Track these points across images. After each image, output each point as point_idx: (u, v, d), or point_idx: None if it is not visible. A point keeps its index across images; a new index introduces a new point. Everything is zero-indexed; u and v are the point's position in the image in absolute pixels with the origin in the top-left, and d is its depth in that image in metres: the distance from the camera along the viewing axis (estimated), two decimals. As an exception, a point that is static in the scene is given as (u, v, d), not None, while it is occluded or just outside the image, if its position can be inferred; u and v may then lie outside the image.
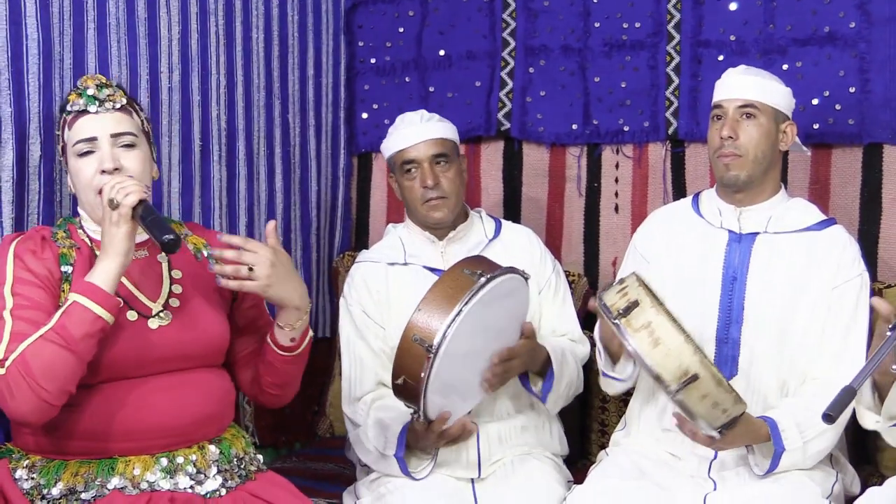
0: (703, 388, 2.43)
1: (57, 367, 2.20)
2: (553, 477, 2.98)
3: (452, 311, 2.57)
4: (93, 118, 2.46)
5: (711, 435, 2.55)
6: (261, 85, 3.63)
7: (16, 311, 2.28)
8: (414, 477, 2.89)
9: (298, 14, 3.83)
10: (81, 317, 2.22)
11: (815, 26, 3.49)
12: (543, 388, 2.99)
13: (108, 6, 2.92)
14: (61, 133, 2.51)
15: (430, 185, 3.09)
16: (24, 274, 2.34)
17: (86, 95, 2.47)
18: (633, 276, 2.58)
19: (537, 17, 3.87)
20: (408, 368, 2.61)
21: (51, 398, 2.21)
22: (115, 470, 2.35)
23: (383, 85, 4.11)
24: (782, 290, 2.84)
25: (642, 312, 2.46)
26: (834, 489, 2.75)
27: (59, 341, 2.19)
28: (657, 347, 2.43)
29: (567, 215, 3.91)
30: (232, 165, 3.48)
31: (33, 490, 2.33)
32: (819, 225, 2.91)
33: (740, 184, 2.88)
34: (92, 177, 2.42)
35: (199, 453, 2.45)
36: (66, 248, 2.44)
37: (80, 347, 2.21)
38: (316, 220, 3.98)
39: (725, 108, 2.88)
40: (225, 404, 2.58)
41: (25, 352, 2.19)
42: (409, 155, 3.13)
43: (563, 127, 3.85)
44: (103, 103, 2.48)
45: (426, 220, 3.15)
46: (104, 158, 2.43)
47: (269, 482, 2.54)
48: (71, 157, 2.47)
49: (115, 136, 2.46)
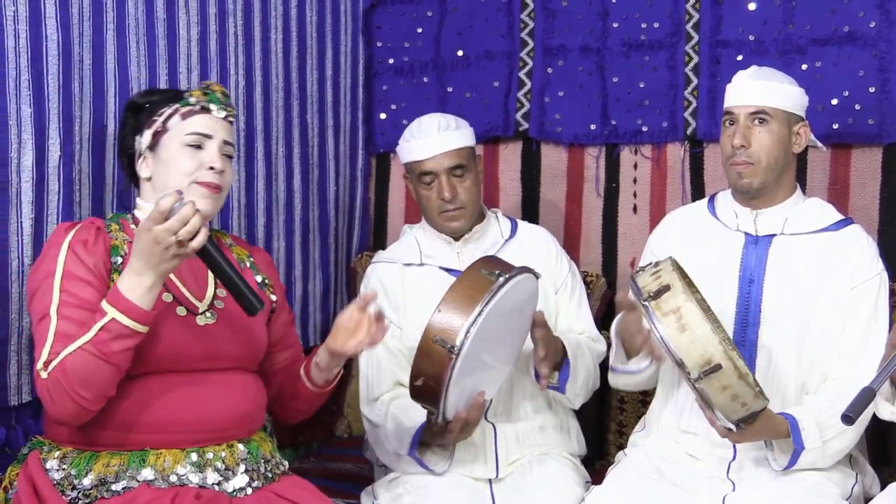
0: (725, 379, 2.42)
1: (95, 377, 2.24)
2: (571, 477, 2.98)
3: (474, 312, 2.57)
4: (213, 118, 2.53)
5: (729, 427, 2.54)
6: (279, 86, 3.63)
7: (62, 308, 2.31)
8: (435, 471, 2.90)
9: (317, 15, 3.84)
10: (119, 332, 2.24)
11: (834, 26, 3.47)
12: (560, 378, 2.98)
13: (128, 7, 2.93)
14: (163, 119, 2.51)
15: (447, 197, 3.10)
16: (75, 268, 2.37)
17: (213, 97, 2.54)
18: (669, 259, 2.58)
19: (556, 17, 3.87)
20: (428, 370, 2.61)
21: (89, 404, 2.26)
22: (146, 462, 2.37)
23: (401, 85, 4.12)
24: (800, 292, 2.82)
25: (673, 297, 2.46)
26: (853, 490, 2.74)
27: (98, 354, 2.23)
28: (683, 333, 2.42)
29: (585, 216, 3.91)
30: (251, 166, 3.49)
31: (64, 481, 2.34)
32: (836, 225, 2.89)
33: (753, 191, 2.87)
34: (195, 169, 2.48)
35: (228, 451, 2.46)
36: (118, 241, 2.48)
37: (118, 359, 2.25)
38: (334, 221, 3.98)
39: (736, 114, 2.86)
40: (258, 407, 2.61)
41: (66, 360, 2.23)
42: (426, 167, 3.12)
43: (582, 127, 3.85)
44: (226, 109, 2.56)
45: (442, 229, 3.17)
46: (214, 157, 2.49)
47: (293, 484, 2.56)
48: (171, 142, 2.50)
49: (224, 144, 2.53)
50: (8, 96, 2.54)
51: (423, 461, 2.89)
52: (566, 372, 2.97)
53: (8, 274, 2.56)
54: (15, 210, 2.59)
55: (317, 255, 3.86)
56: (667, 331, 2.44)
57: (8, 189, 2.56)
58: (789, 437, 2.64)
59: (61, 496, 2.31)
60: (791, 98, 2.86)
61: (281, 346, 2.76)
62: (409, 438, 2.88)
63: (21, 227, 2.60)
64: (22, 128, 2.58)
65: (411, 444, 2.87)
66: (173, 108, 2.53)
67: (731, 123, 2.88)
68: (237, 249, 2.74)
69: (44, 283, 2.35)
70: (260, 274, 2.73)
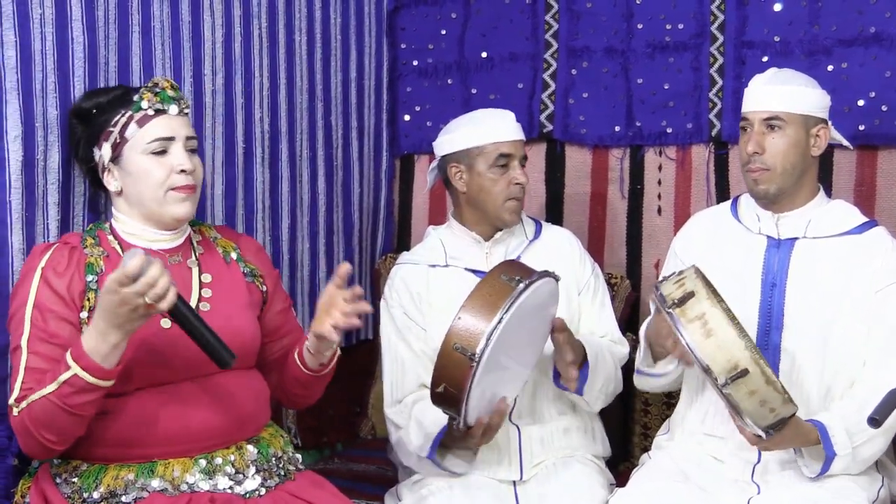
0: (752, 384, 2.40)
1: (59, 425, 2.26)
2: (595, 479, 2.97)
3: (494, 319, 2.56)
4: (170, 119, 2.49)
5: (758, 434, 2.52)
6: (304, 87, 3.64)
7: (31, 342, 2.32)
8: (454, 471, 2.90)
9: (341, 17, 3.85)
10: (82, 387, 2.22)
11: (860, 26, 3.45)
12: (579, 381, 2.97)
13: (153, 9, 2.95)
14: (118, 129, 2.47)
15: (522, 182, 3.12)
16: (47, 298, 2.36)
17: (164, 95, 2.49)
18: (693, 267, 2.57)
19: (580, 18, 3.86)
20: (449, 377, 2.60)
21: (55, 445, 2.29)
22: (155, 472, 2.37)
23: (426, 87, 4.12)
24: (823, 296, 2.80)
25: (697, 303, 2.45)
26: (880, 494, 2.72)
27: (61, 405, 2.22)
28: (709, 339, 2.41)
29: (610, 217, 3.90)
30: (275, 168, 3.50)
31: (74, 494, 2.35)
32: (860, 228, 2.87)
33: (770, 197, 2.85)
34: (166, 176, 2.44)
35: (237, 454, 2.46)
36: (93, 258, 2.45)
37: (81, 410, 2.25)
38: (358, 223, 3.99)
39: (751, 120, 2.84)
40: (260, 404, 2.60)
41: (33, 405, 2.24)
42: (507, 149, 3.11)
43: (606, 129, 3.84)
44: (179, 103, 2.51)
45: (498, 219, 3.14)
46: (182, 160, 2.46)
47: (309, 482, 2.56)
48: (134, 154, 2.46)
49: (187, 139, 2.50)
50: (35, 98, 2.55)
51: (440, 463, 2.88)
52: (584, 374, 2.96)
53: (34, 275, 2.57)
54: (41, 212, 2.60)
55: (341, 258, 3.86)
56: (692, 337, 2.43)
57: (34, 191, 2.57)
58: (819, 444, 2.62)
59: (73, 509, 2.33)
60: (808, 101, 2.83)
61: (279, 335, 2.73)
62: (428, 443, 2.88)
63: (47, 228, 2.61)
64: (48, 130, 2.59)
65: (431, 447, 2.87)
66: (127, 116, 2.47)
67: (746, 129, 2.86)
68: (222, 242, 2.69)
69: (18, 312, 2.36)
70: (248, 265, 2.68)
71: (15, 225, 2.52)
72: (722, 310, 2.45)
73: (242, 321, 2.57)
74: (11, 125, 2.50)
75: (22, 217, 2.54)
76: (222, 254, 2.66)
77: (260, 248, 2.82)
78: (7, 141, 2.49)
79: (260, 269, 2.71)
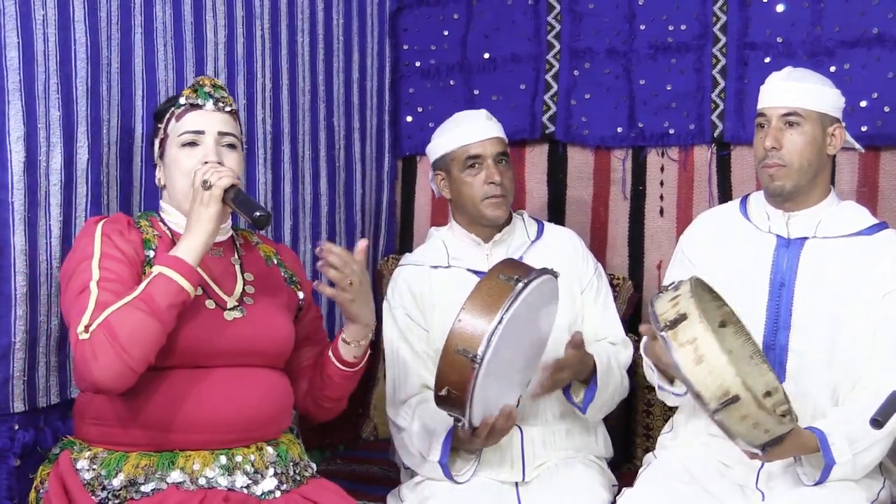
0: (744, 410, 2.39)
1: (142, 333, 2.24)
2: (598, 480, 2.97)
3: (495, 319, 2.56)
4: (204, 113, 2.55)
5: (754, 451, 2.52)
6: (306, 88, 3.64)
7: (102, 282, 2.33)
8: (457, 481, 2.89)
9: (343, 18, 3.85)
10: (167, 287, 2.27)
11: (863, 28, 3.45)
12: (585, 399, 2.98)
13: (155, 11, 2.95)
14: (164, 126, 2.57)
15: (496, 181, 3.10)
16: (112, 250, 2.40)
17: (202, 92, 2.56)
18: (689, 283, 2.53)
19: (582, 19, 3.86)
20: (452, 379, 2.60)
21: (133, 364, 2.24)
22: (176, 464, 2.37)
23: (428, 88, 4.13)
24: (831, 296, 2.80)
25: (689, 326, 2.43)
26: (880, 495, 2.71)
27: (145, 308, 2.24)
28: (700, 365, 2.39)
29: (612, 218, 3.90)
30: (277, 169, 3.50)
31: (94, 481, 2.35)
32: (870, 230, 2.86)
33: (786, 193, 2.84)
34: (193, 166, 2.48)
35: (257, 454, 2.47)
36: (149, 235, 2.51)
37: (165, 317, 2.27)
38: (360, 224, 3.99)
39: (768, 116, 2.83)
40: (285, 406, 2.61)
41: (111, 317, 2.23)
42: (474, 150, 3.13)
43: (608, 130, 3.84)
44: (217, 102, 2.57)
45: (482, 218, 3.15)
46: (209, 151, 2.51)
47: (321, 487, 2.56)
48: (171, 147, 2.54)
49: (221, 135, 2.55)
50: (37, 99, 2.55)
51: (449, 471, 2.88)
52: (592, 394, 2.97)
53: (37, 276, 2.57)
54: (44, 212, 2.60)
55: (343, 258, 3.86)
56: (683, 362, 2.41)
57: (37, 191, 2.57)
58: (818, 451, 2.61)
59: (91, 496, 2.32)
60: (825, 99, 2.83)
61: (309, 343, 2.77)
62: (438, 445, 2.87)
63: (49, 229, 2.61)
64: (51, 131, 2.59)
65: (441, 451, 2.86)
66: (170, 113, 2.57)
67: (762, 126, 2.85)
68: (264, 247, 2.76)
69: (80, 266, 2.37)
70: (287, 270, 2.75)
71: (17, 226, 2.52)
72: (714, 333, 2.42)
73: (281, 321, 2.61)
74: (14, 126, 2.50)
75: (24, 218, 2.54)
76: (264, 257, 2.72)
77: (296, 258, 2.89)
78: (9, 142, 2.49)
79: (298, 277, 2.77)
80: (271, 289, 2.65)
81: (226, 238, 2.64)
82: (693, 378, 2.39)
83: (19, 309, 2.53)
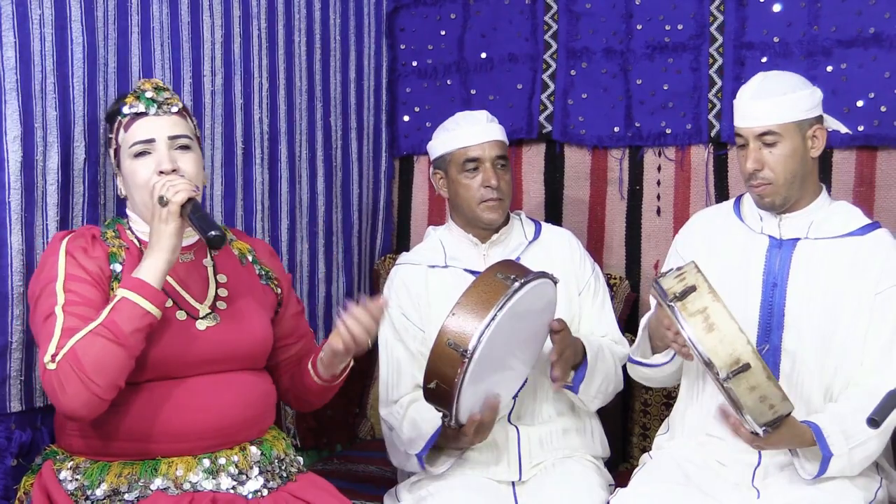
0: (753, 380, 2.40)
1: (107, 361, 2.22)
2: (594, 480, 2.97)
3: (487, 316, 2.57)
4: (151, 120, 2.50)
5: (755, 431, 2.52)
6: (303, 88, 3.64)
7: (67, 307, 2.31)
8: (432, 472, 2.90)
9: (340, 17, 3.85)
10: (131, 313, 2.25)
11: (860, 27, 3.45)
12: (576, 378, 2.97)
13: (152, 10, 2.95)
14: (115, 136, 2.53)
15: (493, 184, 3.09)
16: (76, 270, 2.38)
17: (144, 98, 2.51)
18: (692, 263, 2.56)
19: (579, 19, 3.86)
20: (441, 373, 2.61)
21: (101, 392, 2.22)
22: (158, 471, 2.37)
23: (425, 88, 4.13)
24: (823, 297, 2.80)
25: (699, 297, 2.45)
26: (877, 494, 2.72)
27: (109, 336, 2.22)
28: (711, 333, 2.41)
29: (609, 218, 3.90)
30: (274, 168, 3.50)
31: (77, 491, 2.35)
32: (862, 230, 2.86)
33: (777, 207, 2.84)
34: (148, 177, 2.44)
35: (240, 454, 2.46)
36: (115, 248, 2.48)
37: (130, 342, 2.24)
38: (357, 223, 3.99)
39: (745, 136, 2.81)
40: (266, 406, 2.60)
41: (76, 346, 2.21)
42: (473, 153, 3.13)
43: (605, 129, 3.84)
44: (161, 106, 2.51)
45: (479, 221, 3.14)
46: (162, 160, 2.46)
47: (310, 483, 2.56)
48: (125, 158, 2.50)
49: (172, 139, 2.49)
50: (34, 99, 2.55)
51: (423, 463, 2.88)
52: (582, 373, 2.97)
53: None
54: (41, 212, 2.60)
55: (340, 258, 3.87)
56: (694, 331, 2.43)
57: (34, 191, 2.57)
58: (814, 444, 2.62)
59: (75, 507, 2.33)
60: (799, 106, 2.78)
61: (292, 338, 2.75)
62: (422, 442, 2.88)
63: (46, 229, 2.61)
64: (48, 130, 2.60)
65: (425, 446, 2.87)
66: (117, 122, 2.52)
67: (742, 146, 2.84)
68: (238, 244, 2.72)
69: (46, 289, 2.35)
70: (263, 267, 2.72)
71: (14, 226, 2.53)
72: (723, 304, 2.44)
73: (256, 322, 2.58)
74: (10, 126, 2.50)
75: (21, 218, 2.54)
76: (238, 255, 2.69)
77: (273, 253, 2.84)
78: (6, 142, 2.50)
79: (274, 273, 2.74)
80: (246, 289, 2.62)
81: (195, 239, 2.58)
82: (704, 346, 2.41)
83: (16, 309, 2.54)
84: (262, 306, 2.64)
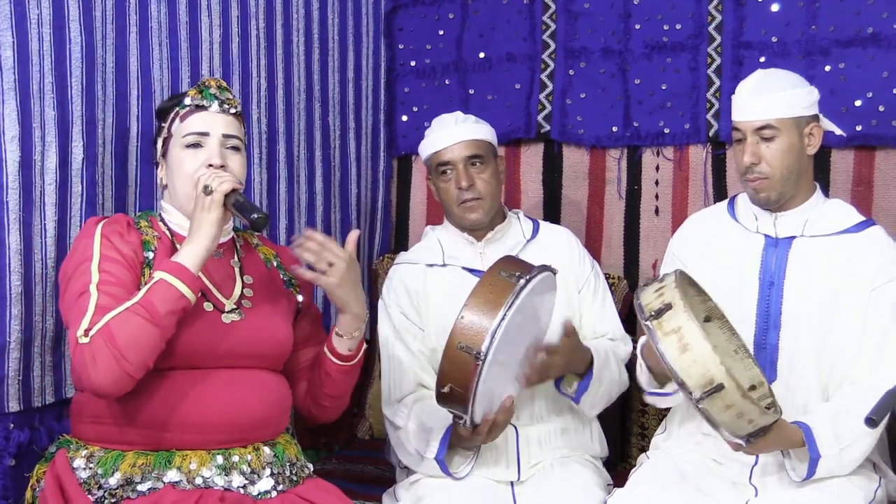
0: (728, 399, 2.39)
1: (141, 340, 2.24)
2: (593, 480, 2.97)
3: (497, 316, 2.56)
4: (208, 115, 2.54)
5: (738, 442, 2.53)
6: (301, 88, 3.64)
7: (101, 286, 2.32)
8: (455, 476, 2.89)
9: (339, 17, 3.85)
10: (167, 294, 2.28)
11: (858, 27, 3.45)
12: (579, 388, 2.98)
13: (151, 10, 2.95)
14: (168, 125, 2.57)
15: (464, 186, 3.09)
16: (112, 252, 2.40)
17: (207, 93, 2.56)
18: (673, 275, 2.55)
19: (577, 19, 3.86)
20: (454, 377, 2.60)
21: (132, 370, 2.24)
22: (172, 463, 2.37)
23: (423, 87, 4.13)
24: (820, 295, 2.81)
25: (674, 316, 2.43)
26: (877, 494, 2.72)
27: (146, 315, 2.24)
28: (684, 354, 2.40)
29: (607, 218, 3.90)
30: (272, 168, 3.50)
31: (90, 479, 2.35)
32: (857, 227, 2.87)
33: (772, 203, 2.85)
34: (195, 168, 2.48)
35: (254, 454, 2.47)
36: (148, 236, 2.51)
37: (164, 323, 2.27)
38: (356, 223, 3.99)
39: (743, 130, 2.83)
40: (282, 409, 2.61)
41: (110, 322, 2.23)
42: (444, 157, 3.14)
43: (604, 129, 3.84)
44: (223, 104, 2.56)
45: (462, 222, 3.15)
46: (212, 154, 2.50)
47: (318, 487, 2.57)
48: (174, 147, 2.54)
49: (225, 137, 2.54)
50: (32, 99, 2.55)
51: (447, 467, 2.88)
52: (586, 383, 2.97)
53: (32, 276, 2.58)
54: (38, 212, 2.60)
55: (338, 258, 3.86)
56: (668, 351, 2.41)
57: (32, 191, 2.57)
58: (804, 445, 2.62)
59: (87, 495, 2.32)
60: (798, 102, 2.81)
61: (309, 344, 2.76)
62: (436, 443, 2.88)
63: (44, 229, 2.61)
64: (46, 130, 2.59)
65: (439, 448, 2.87)
66: (174, 113, 2.57)
67: (739, 141, 2.85)
68: (264, 249, 2.76)
69: (80, 268, 2.37)
70: (286, 273, 2.74)
71: (12, 225, 2.52)
72: (697, 322, 2.42)
73: (279, 324, 2.61)
74: (8, 125, 2.50)
75: (19, 218, 2.54)
76: (263, 260, 2.72)
77: (296, 261, 2.83)
78: (4, 141, 2.50)
79: (297, 279, 2.75)
80: (270, 291, 2.65)
81: (227, 240, 2.63)
82: (677, 366, 2.39)
83: (14, 308, 2.53)
84: (284, 309, 2.67)
